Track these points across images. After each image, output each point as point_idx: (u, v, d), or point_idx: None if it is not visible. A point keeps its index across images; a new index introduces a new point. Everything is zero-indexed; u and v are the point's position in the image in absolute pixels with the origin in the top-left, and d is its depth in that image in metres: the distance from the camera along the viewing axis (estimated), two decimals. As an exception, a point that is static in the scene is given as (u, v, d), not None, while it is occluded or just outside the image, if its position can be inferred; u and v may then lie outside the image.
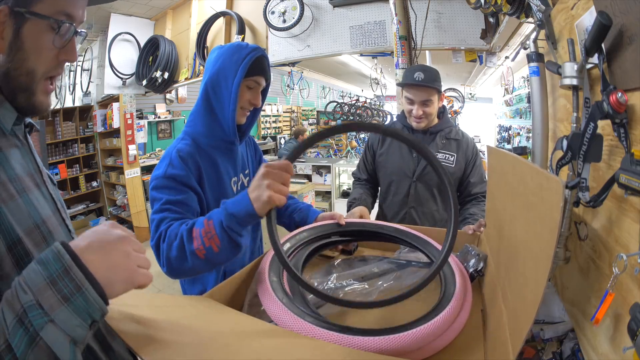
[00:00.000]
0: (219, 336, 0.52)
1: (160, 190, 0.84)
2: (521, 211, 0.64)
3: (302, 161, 4.87)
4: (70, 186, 4.66)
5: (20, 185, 0.52)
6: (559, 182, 0.45)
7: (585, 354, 0.66)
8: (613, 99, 0.55)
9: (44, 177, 0.60)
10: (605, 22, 0.59)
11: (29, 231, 0.51)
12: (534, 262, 0.52)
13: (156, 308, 0.57)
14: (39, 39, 0.52)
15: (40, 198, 0.56)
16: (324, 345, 0.56)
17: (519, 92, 5.43)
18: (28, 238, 0.50)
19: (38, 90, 0.54)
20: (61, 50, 0.55)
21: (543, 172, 0.53)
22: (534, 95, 1.11)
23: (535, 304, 0.46)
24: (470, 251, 0.92)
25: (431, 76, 1.37)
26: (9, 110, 0.53)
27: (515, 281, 0.61)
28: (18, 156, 0.55)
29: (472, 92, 8.14)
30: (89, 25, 4.05)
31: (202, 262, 0.72)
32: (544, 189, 0.51)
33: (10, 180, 0.50)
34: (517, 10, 1.17)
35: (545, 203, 0.50)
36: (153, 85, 3.88)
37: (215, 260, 0.73)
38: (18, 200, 0.50)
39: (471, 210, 1.38)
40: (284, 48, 3.05)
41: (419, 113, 1.40)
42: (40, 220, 0.53)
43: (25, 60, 0.51)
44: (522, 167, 0.66)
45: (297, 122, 8.78)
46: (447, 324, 0.63)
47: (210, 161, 0.94)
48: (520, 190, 0.65)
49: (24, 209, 0.51)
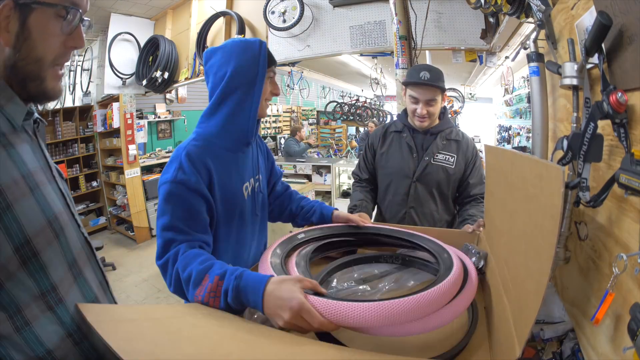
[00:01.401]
0: (219, 347, 0.52)
1: (169, 200, 0.81)
2: (521, 204, 0.64)
3: (302, 161, 4.87)
4: (70, 186, 4.65)
5: (33, 181, 0.52)
6: (558, 168, 0.45)
7: (585, 354, 0.66)
8: (613, 99, 0.55)
9: (53, 172, 0.60)
10: (605, 22, 0.59)
11: (41, 229, 0.51)
12: (536, 253, 0.52)
13: (155, 321, 0.57)
14: (47, 26, 0.52)
15: (52, 193, 0.56)
16: (326, 351, 0.56)
17: (519, 92, 5.43)
18: (39, 237, 0.50)
19: (48, 76, 0.55)
20: (68, 37, 0.55)
21: (542, 161, 0.53)
22: (534, 95, 1.11)
23: (539, 295, 0.46)
24: (471, 249, 0.92)
25: (436, 76, 1.38)
26: (19, 106, 0.53)
27: (517, 274, 0.61)
28: (29, 151, 0.55)
29: (472, 92, 8.14)
30: (89, 25, 4.05)
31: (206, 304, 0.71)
32: (543, 178, 0.51)
33: (24, 177, 0.51)
34: (517, 10, 1.17)
35: (545, 192, 0.50)
36: (153, 85, 3.88)
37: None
38: (31, 197, 0.51)
39: (470, 211, 1.38)
40: (284, 48, 3.05)
41: (423, 112, 1.40)
42: (53, 216, 0.54)
43: (33, 49, 0.52)
44: (520, 161, 0.67)
45: (297, 122, 8.77)
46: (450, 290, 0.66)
47: (222, 164, 0.91)
48: (519, 185, 0.65)
49: (37, 206, 0.51)
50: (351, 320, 0.59)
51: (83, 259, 0.61)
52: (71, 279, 0.56)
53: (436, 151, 1.46)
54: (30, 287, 0.49)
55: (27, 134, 0.57)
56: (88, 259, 0.62)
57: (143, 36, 4.13)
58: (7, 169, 0.49)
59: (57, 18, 0.53)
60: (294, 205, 1.21)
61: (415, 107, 1.42)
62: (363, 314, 0.59)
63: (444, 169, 1.45)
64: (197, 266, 0.72)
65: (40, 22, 0.52)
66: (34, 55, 0.52)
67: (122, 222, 4.95)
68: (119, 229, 4.93)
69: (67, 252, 0.56)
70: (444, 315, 0.65)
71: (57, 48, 0.55)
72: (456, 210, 1.53)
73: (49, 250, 0.52)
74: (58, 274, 0.53)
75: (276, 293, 0.63)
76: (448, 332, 0.72)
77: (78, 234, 0.61)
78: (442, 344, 0.67)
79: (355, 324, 0.59)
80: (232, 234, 0.97)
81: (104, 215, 5.10)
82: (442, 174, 1.45)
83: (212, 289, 0.68)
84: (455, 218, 1.50)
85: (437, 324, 0.64)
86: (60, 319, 0.52)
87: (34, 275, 0.49)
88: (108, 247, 4.32)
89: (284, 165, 4.79)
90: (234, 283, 0.67)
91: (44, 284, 0.50)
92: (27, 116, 0.55)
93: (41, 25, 0.52)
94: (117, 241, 4.69)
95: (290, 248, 0.93)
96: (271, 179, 1.21)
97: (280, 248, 0.91)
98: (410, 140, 1.49)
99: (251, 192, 1.03)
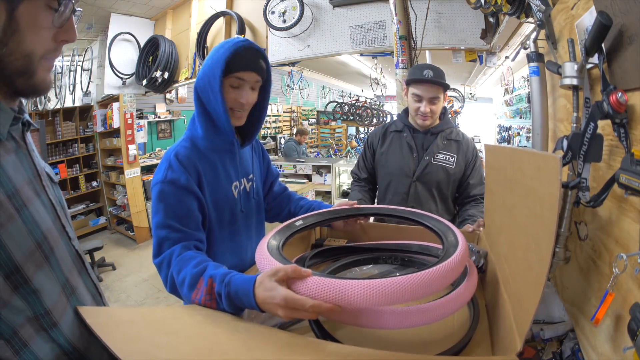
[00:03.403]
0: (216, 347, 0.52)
1: (161, 200, 0.84)
2: (520, 199, 0.64)
3: (302, 161, 4.87)
4: (70, 186, 4.66)
5: (19, 200, 0.49)
6: (555, 157, 0.45)
7: (585, 354, 0.66)
8: (613, 99, 0.55)
9: (43, 181, 0.57)
10: (605, 22, 0.59)
11: (29, 254, 0.48)
12: (536, 244, 0.52)
13: (153, 322, 0.57)
14: (37, 18, 0.48)
15: (40, 208, 0.53)
16: (324, 348, 0.56)
17: (519, 92, 5.43)
18: (28, 263, 0.48)
19: (38, 69, 0.50)
20: (59, 31, 0.51)
21: (539, 152, 0.54)
22: (534, 95, 1.11)
23: (539, 284, 0.46)
24: (471, 249, 0.92)
25: (440, 74, 1.38)
26: (5, 112, 0.50)
27: (517, 268, 0.61)
28: (16, 163, 0.51)
29: (472, 92, 8.15)
30: (88, 25, 4.05)
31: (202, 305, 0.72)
32: (541, 169, 0.51)
33: (9, 197, 0.47)
34: (517, 10, 1.17)
35: (543, 182, 0.50)
36: (153, 85, 3.88)
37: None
38: (18, 220, 0.48)
39: (470, 211, 1.39)
40: (284, 48, 3.05)
41: (426, 110, 1.40)
42: (42, 237, 0.51)
43: (21, 42, 0.47)
44: (518, 155, 0.67)
45: (297, 122, 8.77)
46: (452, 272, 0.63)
47: (209, 165, 0.92)
48: (518, 179, 0.65)
49: (24, 228, 0.48)
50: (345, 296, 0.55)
51: (75, 275, 0.58)
52: (65, 301, 0.53)
53: (436, 151, 1.46)
54: (24, 309, 0.47)
55: (14, 140, 0.53)
56: (79, 274, 0.60)
57: (143, 36, 4.13)
58: None
59: (48, 9, 0.49)
60: (293, 205, 1.21)
61: (419, 105, 1.42)
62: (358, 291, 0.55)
63: (444, 169, 1.45)
64: (191, 270, 0.73)
65: (30, 14, 0.47)
66: (22, 50, 0.48)
67: (122, 222, 4.95)
68: (119, 229, 4.93)
69: (58, 273, 0.53)
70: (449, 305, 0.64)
71: (47, 42, 0.50)
72: (456, 210, 1.53)
73: (39, 274, 0.49)
74: (51, 299, 0.50)
75: (264, 294, 0.62)
76: (449, 329, 0.72)
77: (69, 247, 0.58)
78: (443, 342, 0.67)
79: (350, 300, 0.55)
80: (225, 234, 0.97)
81: (104, 215, 5.11)
82: (442, 174, 1.45)
83: (207, 292, 0.69)
84: (455, 218, 1.50)
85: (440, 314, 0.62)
86: (55, 341, 0.50)
87: (27, 300, 0.47)
88: (108, 247, 4.32)
89: (284, 165, 4.78)
90: (225, 290, 0.67)
91: (37, 309, 0.48)
92: (14, 121, 0.51)
93: (31, 17, 0.47)
94: (117, 241, 4.69)
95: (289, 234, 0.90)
96: (267, 179, 1.21)
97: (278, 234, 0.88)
98: (410, 139, 1.49)
99: (242, 191, 1.02)
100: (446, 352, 0.62)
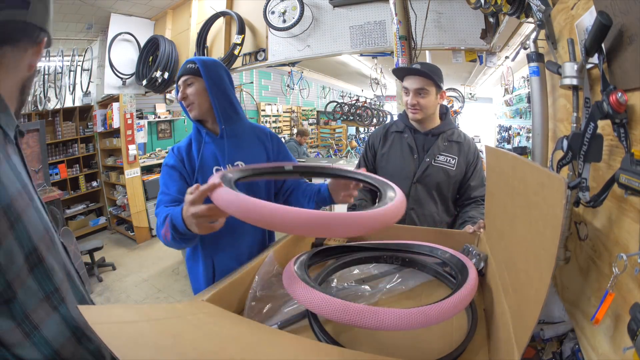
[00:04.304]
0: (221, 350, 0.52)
1: (162, 177, 1.17)
2: (522, 210, 0.64)
3: (302, 161, 4.87)
4: (70, 186, 4.66)
5: (30, 192, 0.53)
6: (561, 180, 0.45)
7: (585, 354, 0.66)
8: (613, 99, 0.55)
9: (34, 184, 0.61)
10: (605, 22, 0.59)
11: (42, 236, 0.52)
12: (536, 261, 0.52)
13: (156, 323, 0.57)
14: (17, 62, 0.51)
15: (39, 202, 0.57)
16: (328, 352, 0.56)
17: (519, 92, 5.43)
18: (42, 243, 0.51)
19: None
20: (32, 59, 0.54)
21: (544, 170, 0.53)
22: (534, 95, 1.11)
23: (539, 302, 0.46)
24: (471, 251, 0.92)
25: (429, 67, 1.39)
26: (12, 117, 0.53)
27: (517, 279, 0.61)
28: (20, 163, 0.55)
29: (472, 92, 8.15)
30: (88, 25, 4.05)
31: (169, 243, 0.97)
32: (545, 187, 0.51)
33: (23, 188, 0.51)
34: (517, 10, 1.17)
35: (547, 201, 0.50)
36: (153, 85, 3.88)
37: (173, 246, 1.00)
38: (31, 208, 0.52)
39: (471, 213, 1.38)
40: (284, 48, 3.05)
41: (413, 102, 1.40)
42: (47, 224, 0.55)
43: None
44: (522, 166, 0.66)
45: (297, 122, 8.77)
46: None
47: (197, 152, 1.20)
48: (520, 190, 0.65)
49: (36, 216, 0.52)
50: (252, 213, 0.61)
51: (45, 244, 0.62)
52: (66, 282, 0.57)
53: (437, 152, 1.45)
54: (36, 291, 0.50)
55: (15, 145, 0.57)
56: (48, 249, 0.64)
57: (143, 36, 4.13)
58: (12, 181, 0.49)
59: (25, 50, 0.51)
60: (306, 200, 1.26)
61: (407, 98, 1.43)
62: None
63: (445, 171, 1.44)
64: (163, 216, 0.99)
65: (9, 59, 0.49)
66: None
67: (122, 222, 4.95)
68: (119, 229, 4.93)
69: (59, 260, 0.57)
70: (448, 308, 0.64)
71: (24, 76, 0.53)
72: (456, 212, 1.53)
73: (50, 255, 0.53)
74: (59, 277, 0.54)
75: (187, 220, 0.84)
76: (447, 334, 0.72)
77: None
78: (442, 347, 0.67)
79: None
80: None
81: (104, 215, 5.10)
82: (442, 176, 1.44)
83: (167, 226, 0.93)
84: (456, 220, 1.50)
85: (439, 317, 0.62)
86: (63, 317, 0.53)
87: (39, 280, 0.50)
88: (108, 247, 4.32)
89: (284, 165, 4.77)
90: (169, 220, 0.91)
91: (48, 287, 0.52)
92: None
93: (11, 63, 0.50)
94: (117, 241, 4.69)
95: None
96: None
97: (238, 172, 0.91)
98: (411, 140, 1.49)
99: None
100: (443, 358, 0.62)
